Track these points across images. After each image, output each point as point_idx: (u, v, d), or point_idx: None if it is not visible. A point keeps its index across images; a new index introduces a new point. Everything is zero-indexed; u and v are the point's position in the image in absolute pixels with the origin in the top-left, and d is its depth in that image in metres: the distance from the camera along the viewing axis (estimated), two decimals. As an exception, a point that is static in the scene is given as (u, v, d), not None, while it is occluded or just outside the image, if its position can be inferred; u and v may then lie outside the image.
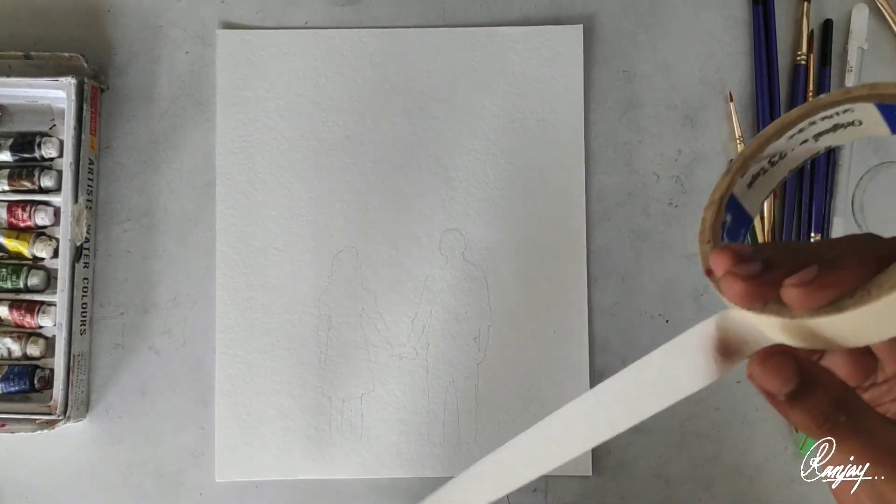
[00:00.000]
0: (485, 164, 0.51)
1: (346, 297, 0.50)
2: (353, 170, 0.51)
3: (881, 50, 0.52)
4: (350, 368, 0.49)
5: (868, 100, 0.26)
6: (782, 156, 0.30)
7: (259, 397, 0.49)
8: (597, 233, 0.51)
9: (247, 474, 0.49)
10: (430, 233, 0.50)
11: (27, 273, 0.49)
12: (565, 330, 0.50)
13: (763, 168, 0.30)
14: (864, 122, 0.28)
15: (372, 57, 0.51)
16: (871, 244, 0.24)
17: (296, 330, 0.50)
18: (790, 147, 0.30)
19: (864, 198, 0.50)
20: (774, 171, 0.31)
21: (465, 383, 0.49)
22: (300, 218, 0.50)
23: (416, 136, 0.51)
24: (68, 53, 0.49)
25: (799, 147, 0.30)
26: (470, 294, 0.50)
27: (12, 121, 0.51)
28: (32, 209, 0.49)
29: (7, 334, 0.49)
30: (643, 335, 0.50)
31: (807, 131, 0.29)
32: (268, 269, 0.50)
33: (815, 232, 0.50)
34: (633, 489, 0.50)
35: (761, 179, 0.31)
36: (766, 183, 0.31)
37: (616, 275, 0.51)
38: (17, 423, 0.47)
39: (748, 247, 0.25)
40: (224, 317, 0.50)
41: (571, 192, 0.51)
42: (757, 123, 0.52)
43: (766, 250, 0.25)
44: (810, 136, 0.29)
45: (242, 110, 0.51)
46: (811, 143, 0.30)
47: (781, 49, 0.52)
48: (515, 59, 0.51)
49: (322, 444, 0.49)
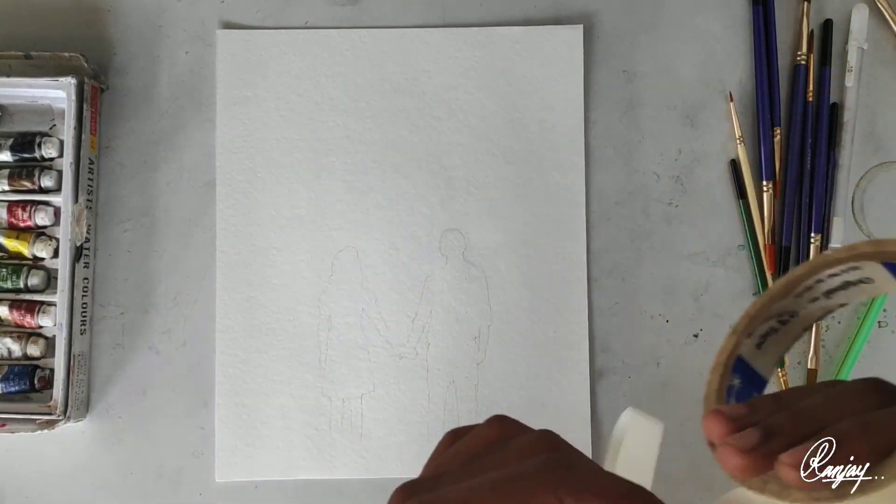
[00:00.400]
0: (485, 164, 0.51)
1: (347, 296, 0.50)
2: (353, 170, 0.51)
3: (881, 50, 0.52)
4: (350, 368, 0.49)
5: (873, 258, 0.24)
6: (793, 314, 0.28)
7: (259, 397, 0.49)
8: (597, 233, 0.51)
9: (247, 474, 0.49)
10: (430, 233, 0.50)
11: (27, 273, 0.49)
12: (565, 330, 0.50)
13: (773, 327, 0.28)
14: (876, 281, 0.26)
15: (372, 57, 0.51)
16: (881, 399, 0.22)
17: (296, 330, 0.50)
18: (800, 306, 0.27)
19: (864, 198, 0.50)
20: (787, 329, 0.28)
21: (466, 383, 0.49)
22: (300, 218, 0.50)
23: (416, 135, 0.51)
24: (68, 53, 0.49)
25: (810, 305, 0.27)
26: (470, 294, 0.50)
27: (12, 121, 0.51)
28: (32, 209, 0.49)
29: (7, 334, 0.49)
30: (643, 335, 0.50)
31: (815, 289, 0.27)
32: (268, 269, 0.50)
33: (814, 232, 0.50)
34: (633, 489, 0.50)
35: (772, 339, 0.28)
36: (778, 343, 0.29)
37: (616, 275, 0.51)
38: (18, 423, 0.47)
39: (744, 407, 0.23)
40: (224, 317, 0.50)
41: (572, 191, 0.51)
42: (757, 123, 0.52)
43: (764, 410, 0.23)
44: (820, 294, 0.27)
45: (242, 110, 0.51)
46: (823, 300, 0.27)
47: (781, 49, 0.52)
48: (515, 58, 0.51)
49: (322, 444, 0.49)
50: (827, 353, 0.51)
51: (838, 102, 0.52)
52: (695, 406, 0.51)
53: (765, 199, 0.51)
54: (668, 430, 0.51)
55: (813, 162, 0.51)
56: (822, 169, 0.51)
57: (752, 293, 0.51)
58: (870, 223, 0.50)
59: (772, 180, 0.51)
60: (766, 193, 0.51)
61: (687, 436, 0.50)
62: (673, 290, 0.51)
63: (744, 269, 0.51)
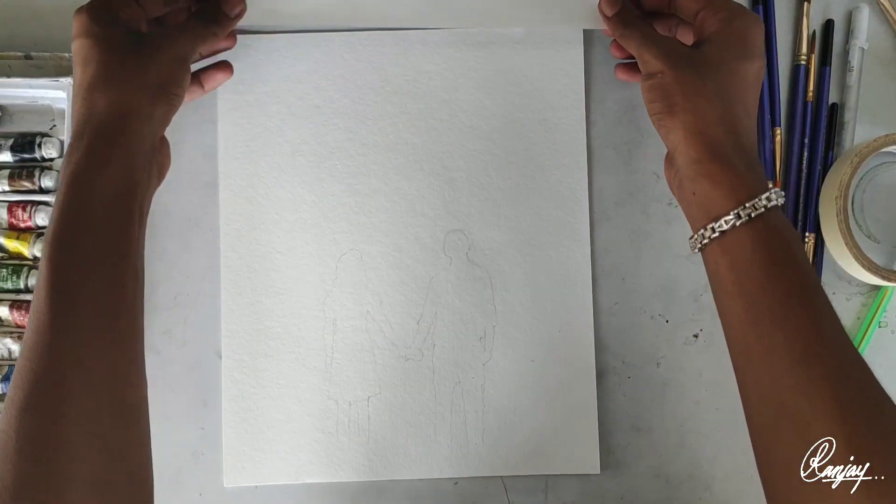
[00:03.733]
0: (487, 165, 0.51)
1: (351, 299, 0.50)
2: (356, 172, 0.51)
3: (882, 50, 0.52)
4: (356, 371, 0.49)
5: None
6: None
7: (266, 402, 0.49)
8: (597, 233, 0.51)
9: (255, 479, 0.49)
10: (433, 234, 0.50)
11: (27, 273, 0.49)
12: (570, 329, 0.50)
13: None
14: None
15: (372, 59, 0.51)
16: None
17: (301, 333, 0.50)
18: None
19: (864, 198, 0.50)
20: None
21: (472, 384, 0.49)
22: (303, 221, 0.50)
23: (418, 137, 0.51)
24: (68, 54, 0.49)
25: None
26: (475, 294, 0.50)
27: (12, 121, 0.51)
28: (33, 209, 0.49)
29: (7, 334, 0.49)
30: (643, 335, 0.50)
31: None
32: (272, 274, 0.50)
33: (808, 231, 0.51)
34: (633, 489, 0.50)
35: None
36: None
37: (616, 275, 0.51)
38: (18, 424, 0.47)
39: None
40: (229, 321, 0.50)
41: (574, 190, 0.51)
42: (757, 123, 0.51)
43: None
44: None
45: (244, 115, 0.51)
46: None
47: (781, 49, 0.52)
48: (516, 58, 0.51)
49: (330, 448, 0.49)
50: (827, 353, 0.51)
51: (838, 102, 0.52)
52: (695, 406, 0.51)
53: (765, 199, 0.51)
54: (668, 430, 0.51)
55: (812, 162, 0.51)
56: (822, 168, 0.51)
57: (752, 293, 0.51)
58: (870, 223, 0.50)
59: (772, 180, 0.51)
60: (766, 193, 0.51)
61: (687, 436, 0.50)
62: (673, 290, 0.51)
63: (744, 268, 0.51)
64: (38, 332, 0.35)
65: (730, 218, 0.37)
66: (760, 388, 0.36)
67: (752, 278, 0.37)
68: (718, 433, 0.50)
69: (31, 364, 0.34)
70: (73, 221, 0.37)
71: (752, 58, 0.41)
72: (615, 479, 0.50)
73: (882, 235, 0.50)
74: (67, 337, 0.35)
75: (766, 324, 0.36)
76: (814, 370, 0.34)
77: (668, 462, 0.50)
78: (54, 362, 0.35)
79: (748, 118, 0.41)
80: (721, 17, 0.42)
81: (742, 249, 0.37)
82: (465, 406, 0.49)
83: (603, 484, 0.50)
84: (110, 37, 0.40)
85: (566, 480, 0.50)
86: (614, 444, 0.50)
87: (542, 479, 0.50)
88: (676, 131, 0.41)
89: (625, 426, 0.50)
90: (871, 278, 0.48)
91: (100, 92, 0.39)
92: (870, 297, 0.51)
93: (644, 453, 0.50)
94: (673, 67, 0.41)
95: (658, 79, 0.41)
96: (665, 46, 0.42)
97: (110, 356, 0.37)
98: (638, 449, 0.50)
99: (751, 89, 0.41)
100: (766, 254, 0.37)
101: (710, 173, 0.39)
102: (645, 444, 0.50)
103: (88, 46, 0.40)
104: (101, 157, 0.38)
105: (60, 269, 0.36)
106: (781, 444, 0.35)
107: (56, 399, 0.34)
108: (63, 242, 0.36)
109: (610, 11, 0.45)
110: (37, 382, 0.34)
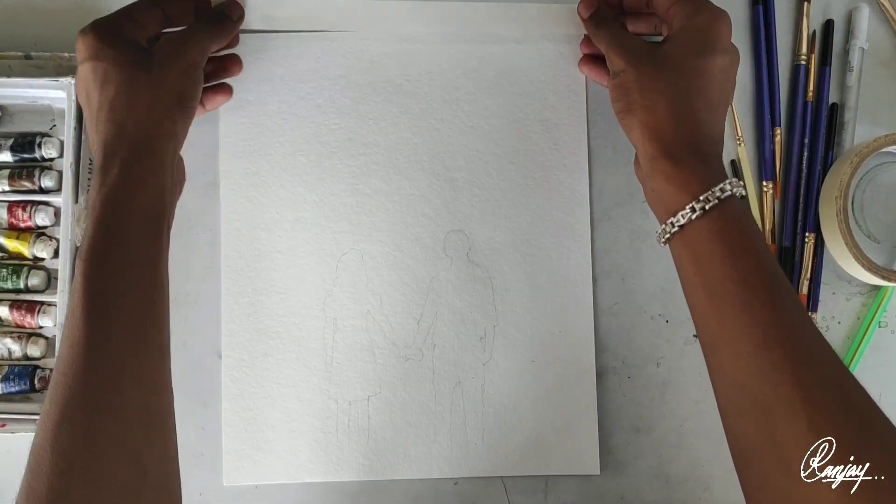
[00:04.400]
0: (488, 165, 0.51)
1: (352, 299, 0.50)
2: (357, 172, 0.51)
3: (882, 50, 0.52)
4: (356, 371, 0.49)
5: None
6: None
7: (265, 401, 0.49)
8: (597, 233, 0.51)
9: (255, 478, 0.49)
10: (434, 234, 0.50)
11: (27, 273, 0.49)
12: (571, 329, 0.50)
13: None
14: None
15: (374, 58, 0.51)
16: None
17: (301, 333, 0.50)
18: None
19: (864, 198, 0.50)
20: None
21: (472, 384, 0.49)
22: (304, 221, 0.50)
23: (419, 137, 0.51)
24: (68, 54, 0.49)
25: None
26: (475, 295, 0.50)
27: (12, 121, 0.51)
28: (33, 209, 0.49)
29: (7, 335, 0.49)
30: (643, 335, 0.50)
31: None
32: (272, 273, 0.50)
33: (808, 232, 0.51)
34: (633, 489, 0.50)
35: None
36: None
37: (616, 275, 0.51)
38: (18, 424, 0.47)
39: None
40: (230, 321, 0.50)
41: (575, 190, 0.51)
42: (757, 123, 0.52)
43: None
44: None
45: (245, 114, 0.51)
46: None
47: (781, 49, 0.52)
48: (517, 59, 0.51)
49: (329, 447, 0.49)
50: (827, 353, 0.51)
51: (838, 102, 0.52)
52: (695, 406, 0.51)
53: (765, 200, 0.51)
54: (668, 430, 0.51)
55: (812, 162, 0.51)
56: (822, 169, 0.51)
57: (752, 293, 0.51)
58: (870, 223, 0.50)
59: (772, 180, 0.51)
60: (766, 193, 0.51)
61: (687, 436, 0.50)
62: (673, 290, 0.51)
63: (744, 269, 0.51)
64: (73, 347, 0.36)
65: (685, 212, 0.39)
66: (726, 376, 0.38)
67: (712, 269, 0.38)
68: (718, 433, 0.50)
69: (66, 379, 0.35)
70: (109, 240, 0.38)
71: (715, 52, 0.42)
72: (615, 479, 0.50)
73: (882, 235, 0.50)
74: (101, 352, 0.36)
75: (727, 313, 0.37)
76: (774, 354, 0.35)
77: (667, 462, 0.50)
78: (89, 377, 0.36)
79: (708, 111, 0.41)
80: (686, 12, 0.43)
81: (700, 241, 0.39)
82: (464, 406, 0.49)
83: (603, 484, 0.50)
84: (124, 57, 0.41)
85: (566, 480, 0.50)
86: (614, 444, 0.50)
87: (542, 479, 0.50)
88: (634, 129, 0.42)
89: (625, 426, 0.50)
90: (871, 278, 0.48)
91: (125, 112, 0.41)
92: (870, 297, 0.51)
93: (644, 453, 0.50)
94: (633, 65, 0.42)
95: (620, 77, 0.43)
96: (628, 45, 0.44)
97: (141, 370, 0.38)
98: (638, 449, 0.50)
99: (714, 83, 0.42)
100: (722, 244, 0.38)
101: (664, 170, 0.40)
102: (645, 444, 0.50)
103: (104, 69, 0.41)
104: (137, 178, 0.40)
105: (96, 286, 0.37)
106: (748, 428, 0.36)
107: (90, 414, 0.35)
108: (99, 260, 0.37)
109: (586, 13, 0.47)
110: (72, 398, 0.35)
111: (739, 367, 0.36)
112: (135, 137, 0.40)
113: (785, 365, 0.35)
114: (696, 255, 0.39)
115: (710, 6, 0.43)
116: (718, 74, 0.42)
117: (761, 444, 0.35)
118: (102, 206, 0.38)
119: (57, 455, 0.34)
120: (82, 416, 0.35)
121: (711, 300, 0.38)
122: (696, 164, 0.39)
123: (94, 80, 0.41)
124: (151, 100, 0.41)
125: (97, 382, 0.36)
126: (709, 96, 0.41)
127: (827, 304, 0.51)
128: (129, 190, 0.39)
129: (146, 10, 0.44)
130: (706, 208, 0.38)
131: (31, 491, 0.34)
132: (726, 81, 0.43)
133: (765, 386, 0.35)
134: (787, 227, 0.51)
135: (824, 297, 0.51)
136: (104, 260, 0.38)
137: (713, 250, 0.38)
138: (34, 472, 0.34)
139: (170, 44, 0.43)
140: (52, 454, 0.34)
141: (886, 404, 0.50)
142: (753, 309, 0.36)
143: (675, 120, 0.40)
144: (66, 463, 0.34)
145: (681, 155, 0.40)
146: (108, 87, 0.41)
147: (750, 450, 0.37)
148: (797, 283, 0.51)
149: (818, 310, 0.51)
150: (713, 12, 0.42)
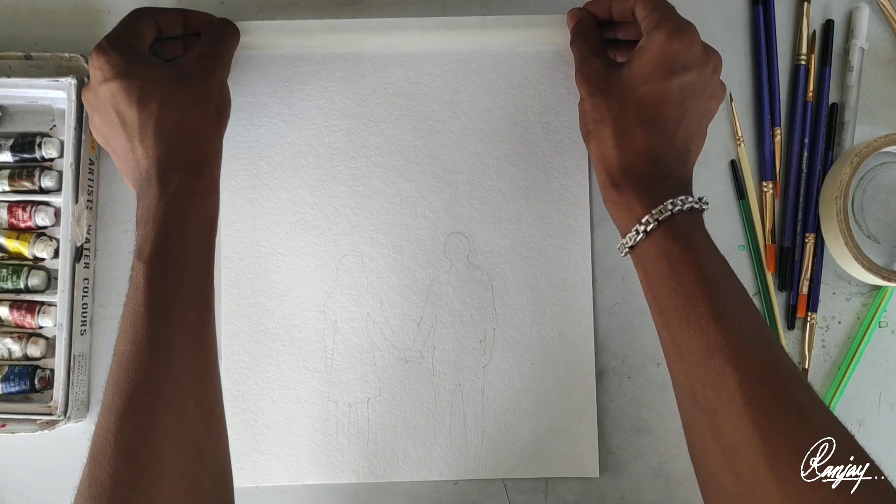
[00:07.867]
0: (488, 167, 0.51)
1: (352, 301, 0.50)
2: (357, 174, 0.51)
3: (882, 50, 0.52)
4: (356, 373, 0.49)
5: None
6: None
7: (266, 403, 0.49)
8: (597, 233, 0.51)
9: (255, 480, 0.49)
10: (434, 236, 0.50)
11: (27, 273, 0.49)
12: (571, 331, 0.50)
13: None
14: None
15: (374, 60, 0.51)
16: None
17: (301, 335, 0.50)
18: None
19: (864, 198, 0.50)
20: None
21: (472, 386, 0.49)
22: (304, 223, 0.50)
23: (420, 139, 0.51)
24: (68, 54, 0.49)
25: None
26: (475, 297, 0.50)
27: (13, 121, 0.51)
28: (33, 209, 0.49)
29: (7, 335, 0.49)
30: (643, 335, 0.50)
31: None
32: (273, 275, 0.50)
33: (808, 232, 0.51)
34: (633, 489, 0.50)
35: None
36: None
37: (616, 275, 0.51)
38: (18, 424, 0.47)
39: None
40: (230, 322, 0.50)
41: (575, 193, 0.51)
42: (757, 124, 0.52)
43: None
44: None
45: (246, 115, 0.51)
46: None
47: (781, 49, 0.52)
48: (518, 61, 0.51)
49: (329, 449, 0.49)
50: (828, 354, 0.51)
51: (838, 102, 0.52)
52: (695, 406, 0.51)
53: (765, 200, 0.51)
54: (668, 430, 0.51)
55: (812, 162, 0.51)
56: (822, 169, 0.51)
57: (752, 293, 0.51)
58: (870, 223, 0.50)
59: (772, 180, 0.51)
60: (766, 193, 0.51)
61: (687, 436, 0.50)
62: (673, 291, 0.51)
63: (744, 269, 0.51)
64: (136, 343, 0.38)
65: (632, 234, 0.41)
66: (679, 386, 0.39)
67: (660, 285, 0.39)
68: (718, 433, 0.50)
69: (129, 373, 0.38)
70: (171, 245, 0.40)
71: (671, 74, 0.42)
72: (615, 480, 0.50)
73: (882, 235, 0.50)
74: (163, 349, 0.38)
75: (675, 325, 0.38)
76: (716, 361, 0.36)
77: (668, 462, 0.50)
78: (152, 371, 0.38)
79: (661, 135, 0.42)
80: (646, 26, 0.43)
81: (648, 260, 0.40)
82: (464, 408, 0.49)
83: (603, 484, 0.50)
84: (159, 74, 0.43)
85: (566, 481, 0.50)
86: (614, 444, 0.50)
87: (543, 480, 0.50)
88: (591, 157, 0.44)
89: (625, 426, 0.50)
90: (871, 278, 0.48)
91: (176, 127, 0.43)
92: (870, 297, 0.51)
93: (644, 453, 0.50)
94: (589, 95, 0.44)
95: (581, 106, 0.45)
96: (589, 72, 0.45)
97: (198, 366, 0.40)
98: (638, 449, 0.50)
99: (669, 105, 0.42)
100: (666, 262, 0.39)
101: (610, 197, 0.43)
102: (645, 444, 0.50)
103: (139, 87, 0.42)
104: (197, 190, 0.42)
105: (159, 289, 0.39)
106: (700, 434, 0.38)
107: (152, 405, 0.37)
108: (161, 265, 0.40)
109: (569, 25, 0.48)
110: (135, 390, 0.37)
111: (688, 376, 0.38)
112: (192, 151, 0.43)
113: (727, 370, 0.35)
114: (646, 272, 0.41)
115: (670, 22, 0.42)
116: (676, 94, 0.42)
117: (712, 449, 0.36)
118: (165, 215, 0.41)
119: (121, 444, 0.36)
120: (145, 408, 0.37)
121: (662, 314, 0.39)
122: (639, 190, 0.41)
123: (129, 98, 0.42)
124: (198, 115, 0.43)
125: (160, 378, 0.38)
126: (663, 118, 0.42)
127: (827, 304, 0.51)
128: (190, 201, 0.42)
129: (147, 22, 0.46)
130: (647, 230, 0.40)
131: (93, 479, 0.35)
132: (693, 96, 0.43)
133: (709, 392, 0.36)
134: (787, 227, 0.51)
135: (824, 297, 0.51)
136: (166, 265, 0.40)
137: (659, 268, 0.39)
138: (97, 461, 0.36)
139: (202, 60, 0.45)
140: (115, 444, 0.36)
141: (886, 404, 0.50)
142: (697, 320, 0.37)
143: (618, 150, 0.42)
144: (130, 452, 0.36)
145: (621, 183, 0.42)
146: (150, 104, 0.42)
147: (701, 455, 0.38)
148: (797, 283, 0.51)
149: (818, 310, 0.51)
150: (668, 31, 0.42)
